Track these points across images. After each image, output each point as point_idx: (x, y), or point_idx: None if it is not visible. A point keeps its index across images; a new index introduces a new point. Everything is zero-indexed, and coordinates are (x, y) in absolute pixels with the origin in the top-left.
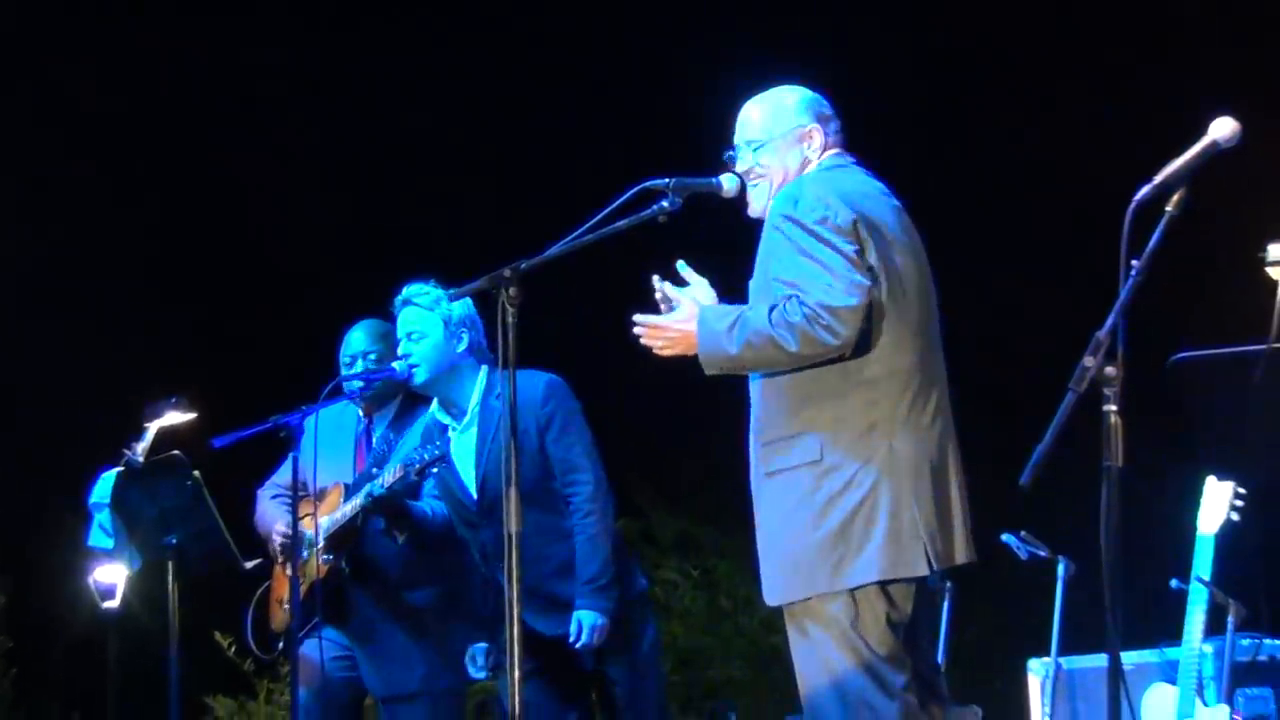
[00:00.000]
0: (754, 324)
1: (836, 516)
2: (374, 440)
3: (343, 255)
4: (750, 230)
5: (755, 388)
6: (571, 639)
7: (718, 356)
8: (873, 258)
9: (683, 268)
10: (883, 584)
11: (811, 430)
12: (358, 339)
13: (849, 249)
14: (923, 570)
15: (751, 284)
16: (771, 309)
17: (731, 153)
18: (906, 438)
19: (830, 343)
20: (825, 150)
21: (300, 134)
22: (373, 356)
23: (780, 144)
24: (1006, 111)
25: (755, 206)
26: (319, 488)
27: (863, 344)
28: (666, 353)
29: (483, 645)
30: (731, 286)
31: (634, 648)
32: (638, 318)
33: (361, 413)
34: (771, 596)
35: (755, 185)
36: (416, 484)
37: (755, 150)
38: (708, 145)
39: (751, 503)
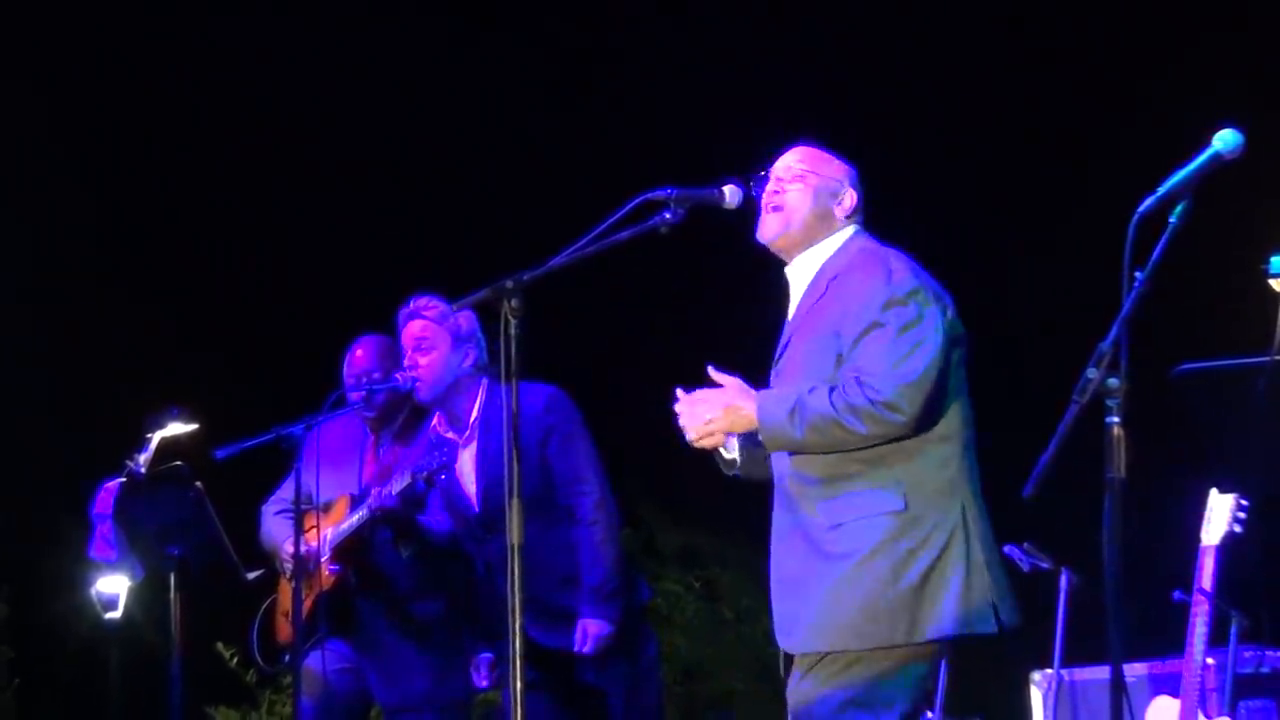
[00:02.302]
0: (816, 409)
1: (919, 568)
2: (379, 452)
3: (346, 266)
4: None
5: None
6: (576, 646)
7: (782, 441)
8: (939, 323)
9: (713, 371)
10: (954, 640)
11: (892, 482)
12: (361, 357)
13: (932, 328)
14: (991, 629)
15: (809, 330)
16: (832, 390)
17: (762, 176)
18: (972, 500)
19: (898, 422)
20: (850, 217)
21: (305, 145)
22: (376, 376)
23: (820, 184)
24: (1009, 122)
25: (767, 229)
26: (325, 500)
27: (933, 410)
28: (704, 440)
29: (488, 655)
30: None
31: (634, 660)
32: (680, 393)
33: (369, 428)
34: (826, 642)
35: (774, 212)
36: (424, 495)
37: (795, 175)
38: (710, 156)
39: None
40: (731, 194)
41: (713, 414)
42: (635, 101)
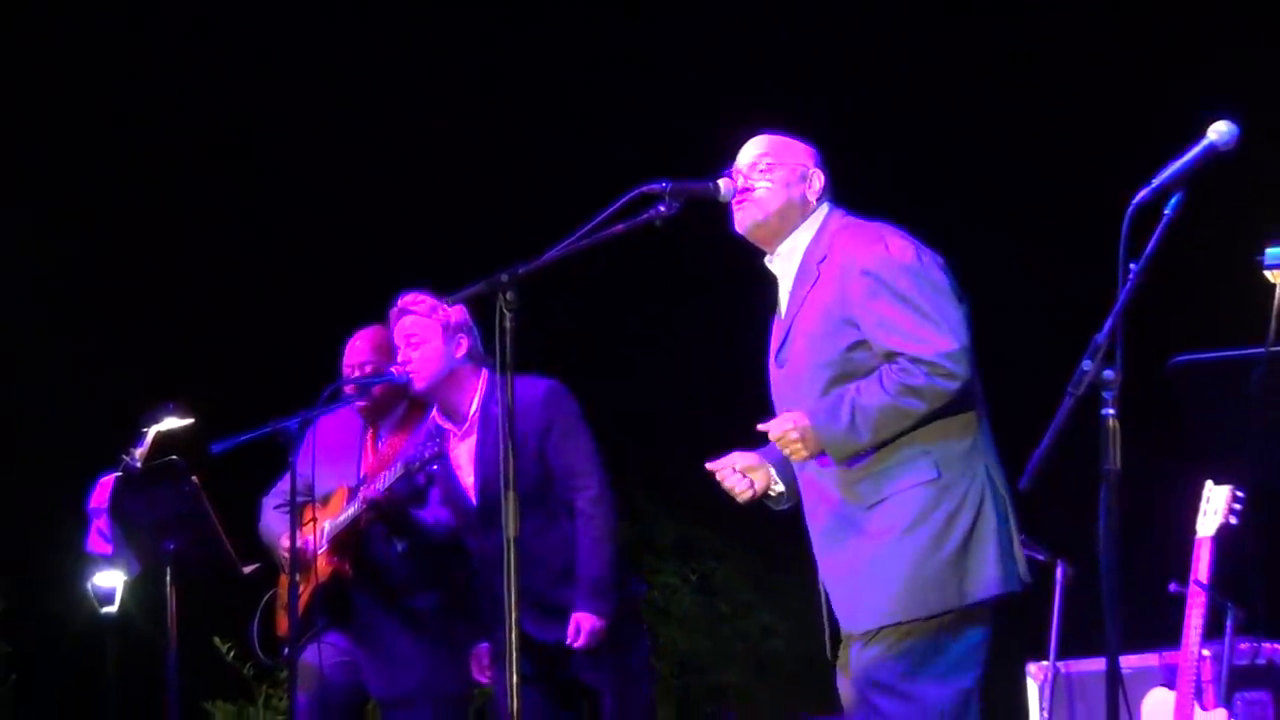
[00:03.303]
0: (874, 404)
1: (959, 532)
2: (379, 445)
3: (340, 259)
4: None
5: None
6: (569, 639)
7: (849, 450)
8: (950, 281)
9: (762, 426)
10: (998, 598)
11: (922, 452)
12: (358, 349)
13: (949, 288)
14: (1018, 586)
15: (810, 318)
16: (880, 380)
17: (728, 172)
18: (993, 457)
19: (953, 389)
20: (820, 198)
21: (298, 140)
22: (369, 369)
23: (788, 173)
24: (1004, 114)
25: (742, 222)
26: (324, 492)
27: (974, 369)
28: (742, 493)
29: (487, 645)
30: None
31: (627, 656)
32: (722, 463)
33: (364, 421)
34: (876, 618)
35: (746, 203)
36: (424, 489)
37: (761, 169)
38: (705, 149)
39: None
40: (726, 186)
41: (793, 443)
42: (630, 95)
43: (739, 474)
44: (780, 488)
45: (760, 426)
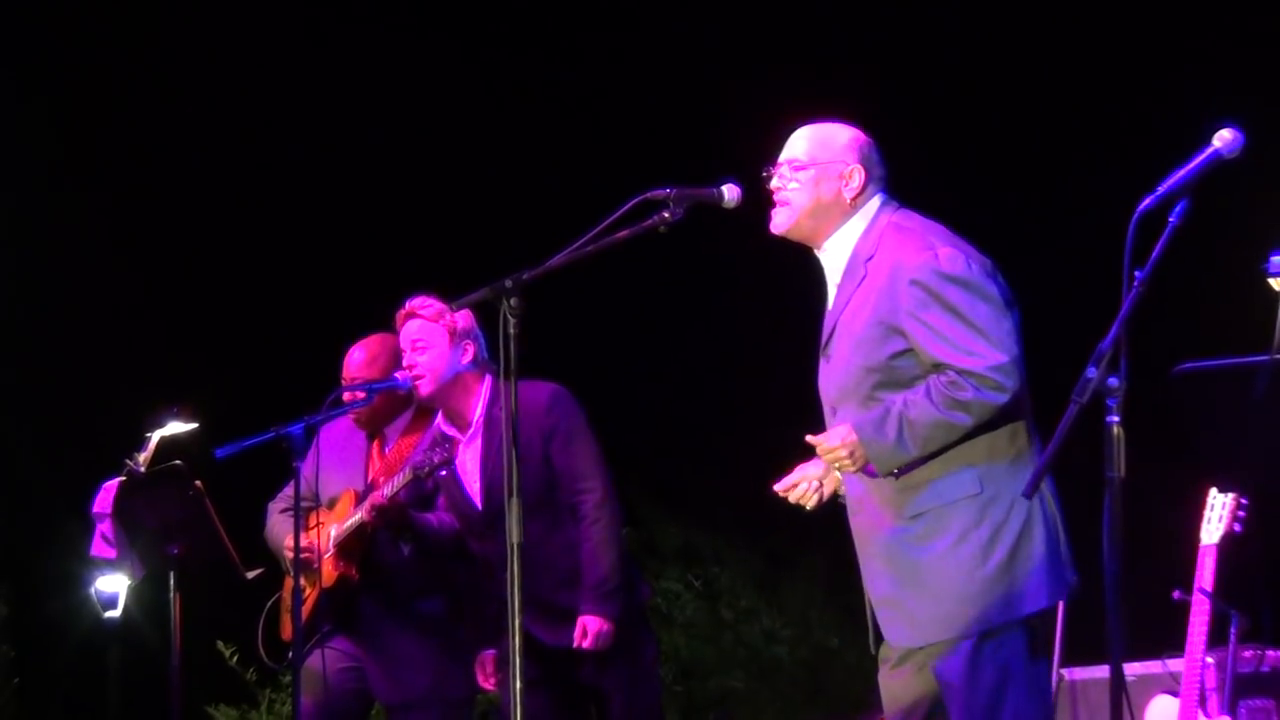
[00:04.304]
0: (921, 418)
1: (1004, 547)
2: (385, 450)
3: (346, 265)
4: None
5: None
6: (576, 642)
7: (895, 462)
8: (999, 290)
9: (811, 439)
10: (1046, 611)
11: (965, 465)
12: (357, 360)
13: (999, 297)
14: (1063, 595)
15: (856, 319)
16: (927, 393)
17: (770, 169)
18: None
19: (1002, 402)
20: (864, 193)
21: (302, 145)
22: (374, 375)
23: (819, 172)
24: (1010, 120)
25: (777, 224)
26: (330, 496)
27: (1024, 381)
28: (808, 501)
29: (492, 652)
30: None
31: (634, 660)
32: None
33: (361, 427)
34: (920, 636)
35: (776, 206)
36: (432, 494)
37: (794, 170)
38: (709, 155)
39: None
40: (730, 193)
41: (841, 459)
42: (637, 99)
43: (806, 482)
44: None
45: (810, 439)
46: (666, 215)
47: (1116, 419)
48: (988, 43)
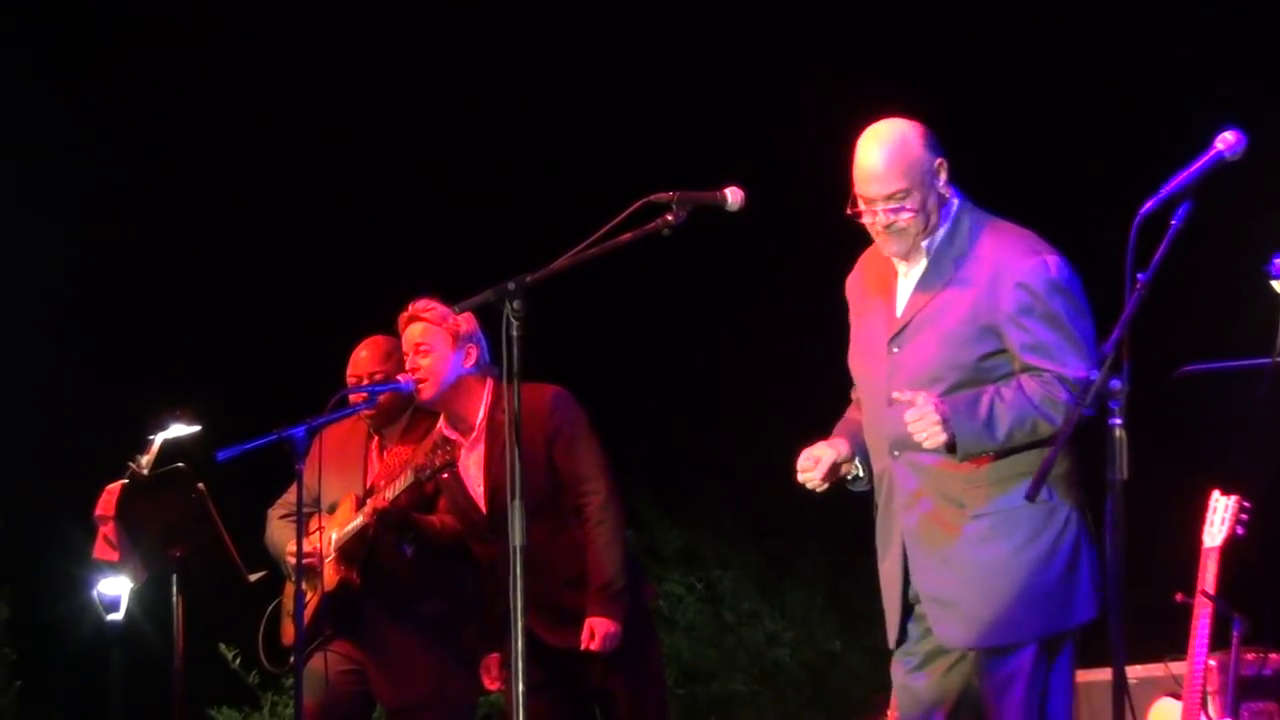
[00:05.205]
0: (1017, 407)
1: (1064, 554)
2: (385, 453)
3: (349, 267)
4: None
5: None
6: (583, 644)
7: (977, 449)
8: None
9: (896, 395)
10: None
11: (1030, 470)
12: (364, 359)
13: (1089, 310)
14: (1095, 613)
15: (947, 316)
16: (1020, 388)
17: (856, 209)
18: (1083, 484)
19: (1089, 416)
20: (948, 183)
21: (306, 147)
22: (379, 377)
23: (920, 191)
24: (1010, 122)
25: (897, 249)
26: (331, 501)
27: None
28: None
29: (497, 656)
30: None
31: (640, 661)
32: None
33: (370, 429)
34: (981, 638)
35: (889, 238)
36: (431, 497)
37: (900, 202)
38: (712, 158)
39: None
40: (733, 196)
41: (934, 424)
42: (641, 102)
43: (811, 461)
44: (859, 471)
45: (897, 395)
46: (670, 218)
47: (1119, 421)
48: (988, 44)
